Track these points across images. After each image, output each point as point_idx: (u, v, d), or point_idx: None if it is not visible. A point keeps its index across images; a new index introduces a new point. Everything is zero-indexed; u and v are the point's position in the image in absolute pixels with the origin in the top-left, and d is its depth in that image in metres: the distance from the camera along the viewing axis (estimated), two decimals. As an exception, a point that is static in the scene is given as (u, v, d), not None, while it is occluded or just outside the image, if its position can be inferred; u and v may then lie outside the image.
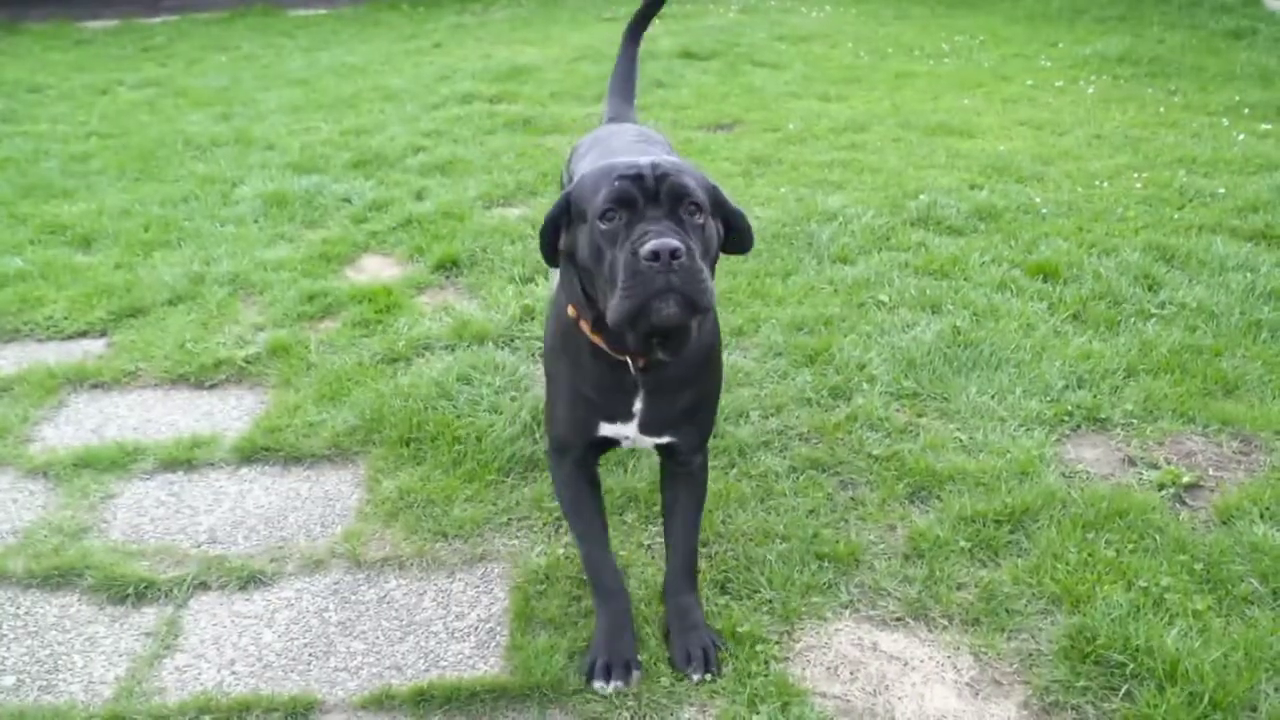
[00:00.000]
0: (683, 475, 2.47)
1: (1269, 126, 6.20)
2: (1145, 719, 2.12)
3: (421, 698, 2.26)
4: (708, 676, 2.27)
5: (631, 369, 2.22)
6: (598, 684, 2.26)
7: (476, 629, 2.48)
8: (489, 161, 5.92)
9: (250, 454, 3.19)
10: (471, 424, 3.21)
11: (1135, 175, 5.33)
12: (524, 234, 4.74)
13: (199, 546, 2.81)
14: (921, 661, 2.35)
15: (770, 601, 2.52)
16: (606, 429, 2.34)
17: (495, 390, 3.39)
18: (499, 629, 2.47)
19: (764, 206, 5.02)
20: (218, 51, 9.78)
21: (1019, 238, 4.54)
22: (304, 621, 2.53)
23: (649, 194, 1.98)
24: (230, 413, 3.45)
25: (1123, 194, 5.05)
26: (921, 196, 5.01)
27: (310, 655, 2.42)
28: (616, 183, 1.98)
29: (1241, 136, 5.96)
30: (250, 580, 2.67)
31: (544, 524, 2.81)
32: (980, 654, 2.35)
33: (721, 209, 2.16)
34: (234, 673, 2.38)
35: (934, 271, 4.24)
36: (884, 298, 4.00)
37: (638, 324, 1.96)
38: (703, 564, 2.63)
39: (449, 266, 4.50)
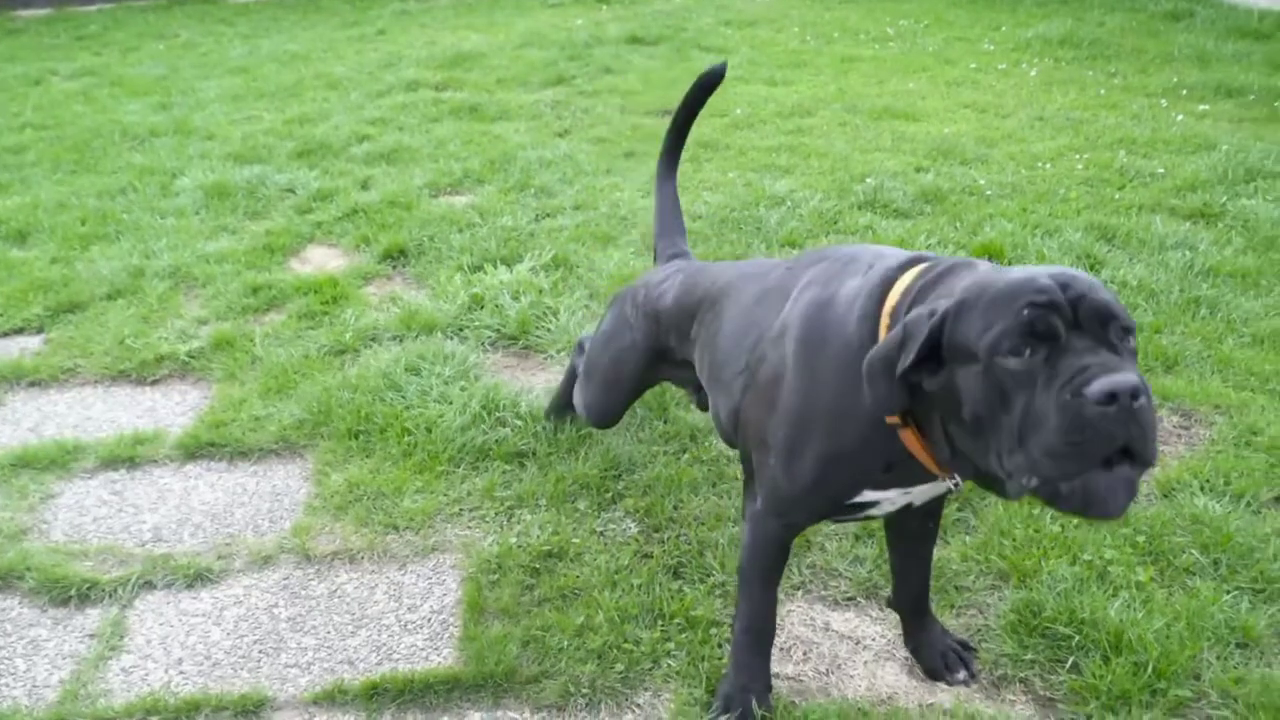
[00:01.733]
0: (934, 509, 2.19)
1: (1206, 107, 6.30)
2: (1091, 690, 2.15)
3: (374, 691, 2.24)
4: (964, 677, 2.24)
5: (959, 483, 1.82)
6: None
7: (429, 621, 2.47)
8: (435, 149, 5.87)
9: (195, 450, 3.14)
10: (421, 415, 3.19)
11: (1077, 156, 5.39)
12: (472, 222, 4.71)
13: (143, 545, 2.76)
14: (873, 640, 2.37)
15: (724, 584, 2.52)
16: (871, 494, 1.91)
17: (444, 380, 3.36)
18: (451, 620, 2.46)
19: (712, 192, 5.03)
20: (155, 39, 9.62)
21: (964, 219, 4.58)
22: (253, 618, 2.50)
23: (1069, 321, 1.51)
24: (173, 408, 3.39)
25: (1065, 175, 5.12)
26: (868, 180, 5.04)
27: (260, 652, 2.39)
28: (1027, 313, 1.50)
29: (1180, 117, 6.05)
30: (197, 578, 2.63)
31: (495, 514, 2.80)
32: (930, 632, 2.37)
33: None
34: (182, 672, 2.34)
35: (881, 254, 4.25)
36: (832, 281, 4.01)
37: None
38: (654, 549, 2.64)
39: (396, 256, 4.45)
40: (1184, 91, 6.67)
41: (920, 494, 1.92)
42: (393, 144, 5.95)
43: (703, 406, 2.49)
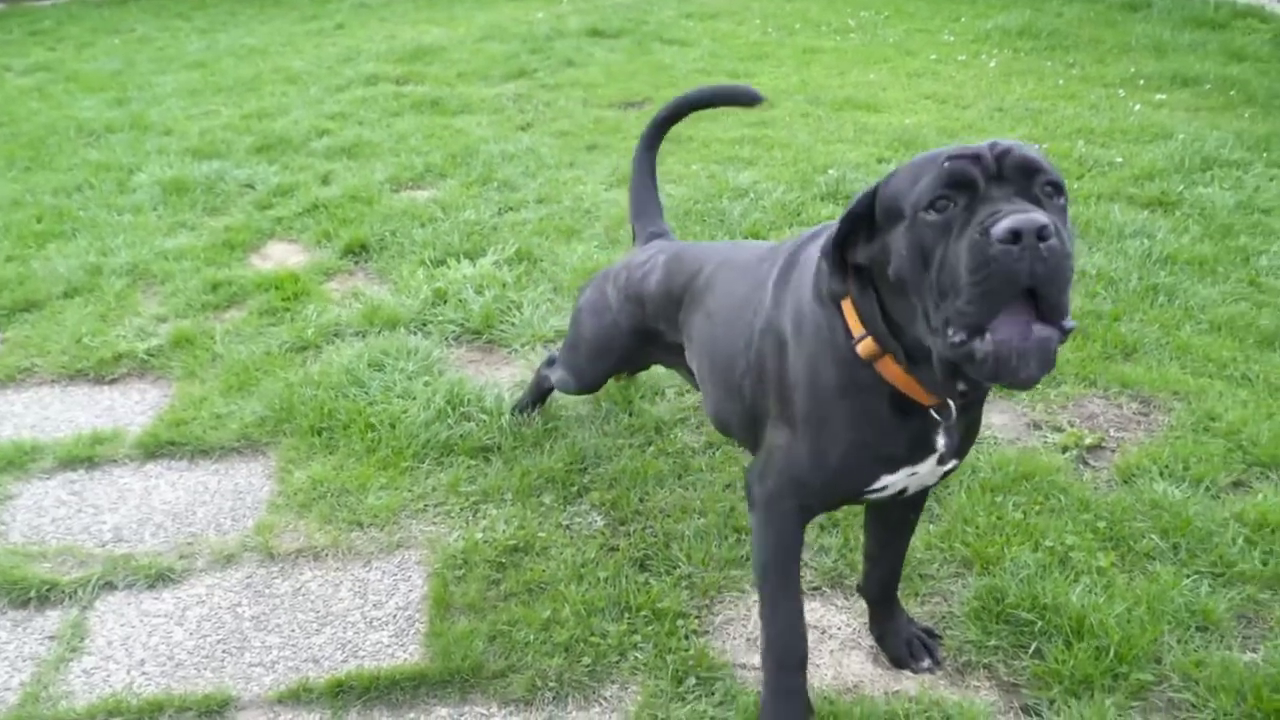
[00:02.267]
0: (918, 501, 2.15)
1: (1163, 96, 6.37)
2: (1054, 674, 2.18)
3: (340, 689, 2.23)
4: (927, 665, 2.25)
5: (950, 412, 1.77)
6: None
7: (395, 617, 2.45)
8: (396, 144, 5.83)
9: (155, 449, 3.11)
10: (385, 411, 3.17)
11: (1037, 146, 5.43)
12: (434, 216, 4.68)
13: (103, 546, 2.72)
14: (838, 629, 2.38)
15: (689, 576, 2.53)
16: (887, 479, 1.86)
17: (408, 376, 3.34)
18: (417, 616, 2.44)
19: (676, 184, 5.02)
20: (110, 34, 9.49)
21: (926, 210, 4.60)
22: (216, 618, 2.47)
23: (991, 173, 1.50)
24: (133, 407, 3.35)
25: (1025, 165, 5.15)
26: (830, 171, 5.05)
27: (224, 652, 2.37)
28: (947, 164, 1.51)
29: (1137, 107, 6.12)
30: (159, 578, 2.60)
31: (460, 509, 2.78)
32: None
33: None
34: (144, 673, 2.31)
35: (844, 245, 4.27)
36: (795, 272, 4.03)
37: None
38: (620, 542, 2.64)
39: (358, 251, 4.42)
40: (1141, 81, 6.74)
41: (919, 478, 1.89)
42: (353, 138, 5.90)
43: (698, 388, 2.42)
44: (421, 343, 3.57)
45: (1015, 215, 1.41)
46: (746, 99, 2.79)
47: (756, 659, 2.28)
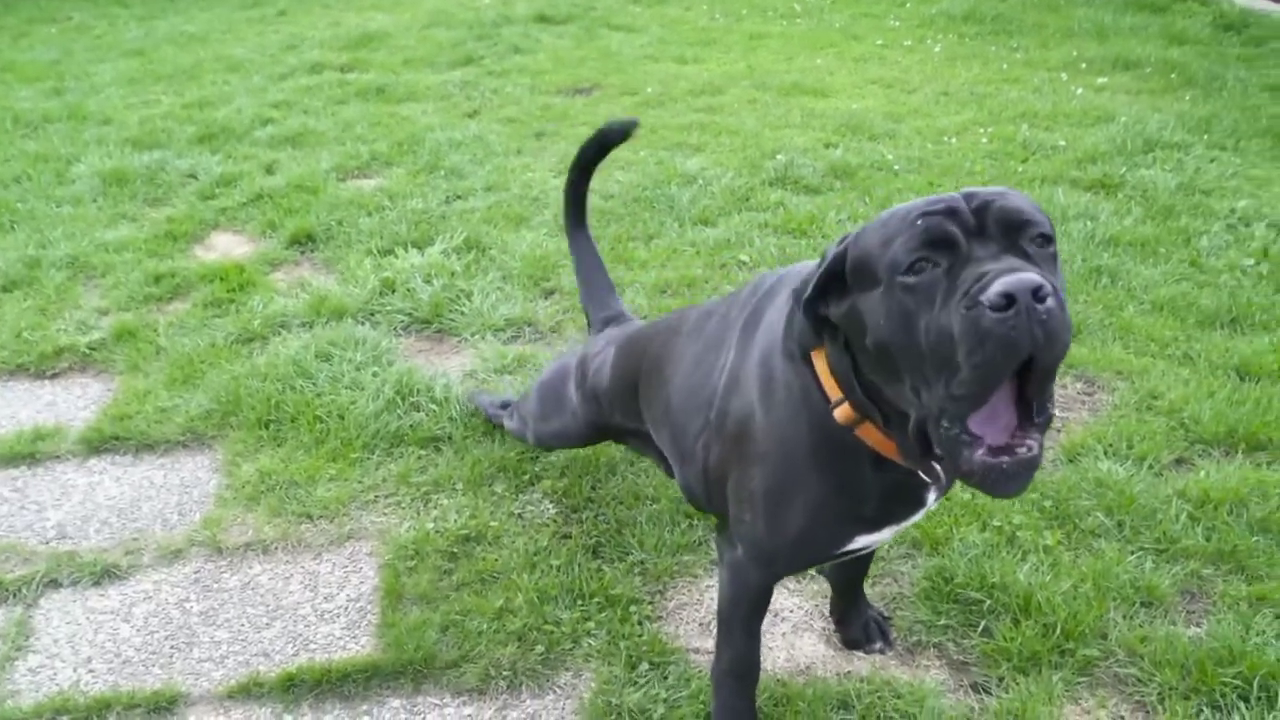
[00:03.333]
0: None
1: (1105, 80, 6.46)
2: (1003, 652, 2.21)
3: (291, 683, 2.21)
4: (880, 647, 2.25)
5: (939, 473, 1.59)
6: None
7: (346, 609, 2.43)
8: (342, 132, 5.76)
9: (99, 444, 3.05)
10: (333, 402, 3.13)
11: (981, 130, 5.48)
12: (381, 205, 4.63)
13: (47, 543, 2.67)
14: (790, 612, 2.40)
15: (642, 563, 2.53)
16: (868, 539, 1.75)
17: (356, 366, 3.31)
18: (369, 608, 2.43)
19: (624, 170, 5.01)
20: (46, 23, 9.28)
21: (873, 194, 4.63)
22: (164, 613, 2.44)
23: (970, 230, 1.36)
24: (75, 402, 3.29)
25: (970, 149, 5.20)
26: (778, 156, 5.07)
27: (172, 648, 2.34)
28: (921, 222, 1.37)
29: (1080, 90, 6.19)
30: (104, 575, 2.56)
31: (411, 499, 2.76)
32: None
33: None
34: (91, 671, 2.28)
35: (793, 230, 4.29)
36: (745, 258, 4.04)
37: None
38: (572, 530, 2.63)
39: (303, 241, 4.37)
40: (1083, 65, 6.82)
41: (911, 524, 1.78)
42: (297, 127, 5.82)
43: (670, 473, 2.24)
44: (370, 333, 3.53)
45: (1006, 278, 1.26)
46: (623, 134, 2.66)
47: (709, 643, 2.29)
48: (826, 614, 2.37)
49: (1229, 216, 4.28)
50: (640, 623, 2.34)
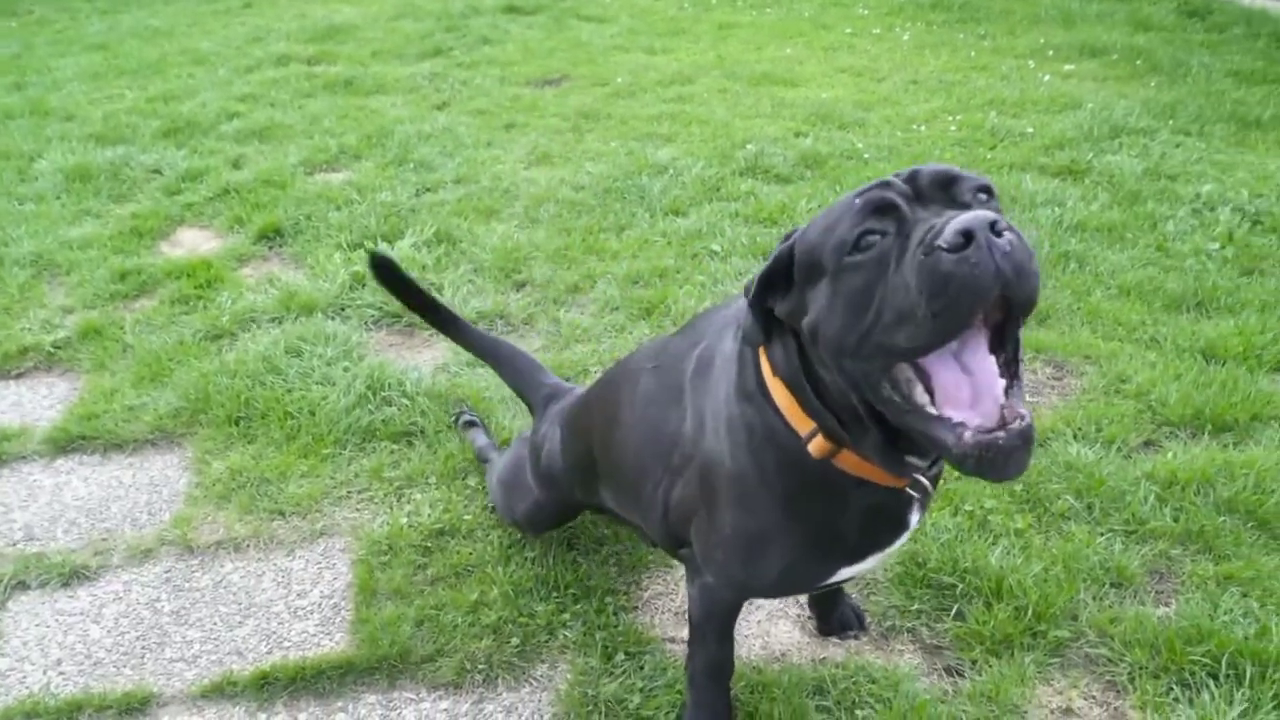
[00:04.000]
0: None
1: (1072, 67, 6.50)
2: (975, 635, 2.22)
3: (265, 681, 2.19)
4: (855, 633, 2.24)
5: (926, 486, 1.54)
6: None
7: (320, 606, 2.42)
8: (309, 125, 5.72)
9: (66, 444, 3.02)
10: (303, 397, 3.11)
11: (950, 118, 5.51)
12: (350, 199, 4.60)
13: (14, 545, 2.64)
14: (765, 600, 2.40)
15: (617, 554, 2.53)
16: (848, 571, 1.68)
17: (326, 361, 3.29)
18: (343, 604, 2.41)
19: (595, 162, 5.00)
20: (6, 17, 9.16)
21: (844, 183, 4.64)
22: (135, 614, 2.42)
23: (909, 197, 1.32)
24: (40, 402, 3.25)
25: (939, 136, 5.22)
26: (749, 146, 5.07)
27: (143, 648, 2.32)
28: (859, 201, 1.32)
29: (1047, 77, 6.23)
30: (73, 576, 2.53)
31: (384, 494, 2.75)
32: (821, 588, 2.42)
33: None
34: (62, 673, 2.26)
35: (764, 219, 4.30)
36: (716, 247, 4.04)
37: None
38: (548, 522, 2.63)
39: (272, 236, 4.33)
40: (1050, 52, 6.86)
41: (895, 550, 1.71)
42: (264, 121, 5.77)
43: (653, 546, 2.19)
44: (340, 328, 3.51)
45: (960, 217, 1.19)
46: (382, 265, 2.55)
47: (685, 632, 2.29)
48: (801, 601, 2.38)
49: (1194, 201, 4.32)
50: (616, 613, 2.34)
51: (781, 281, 1.46)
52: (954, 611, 2.30)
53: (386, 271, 2.56)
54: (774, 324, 1.51)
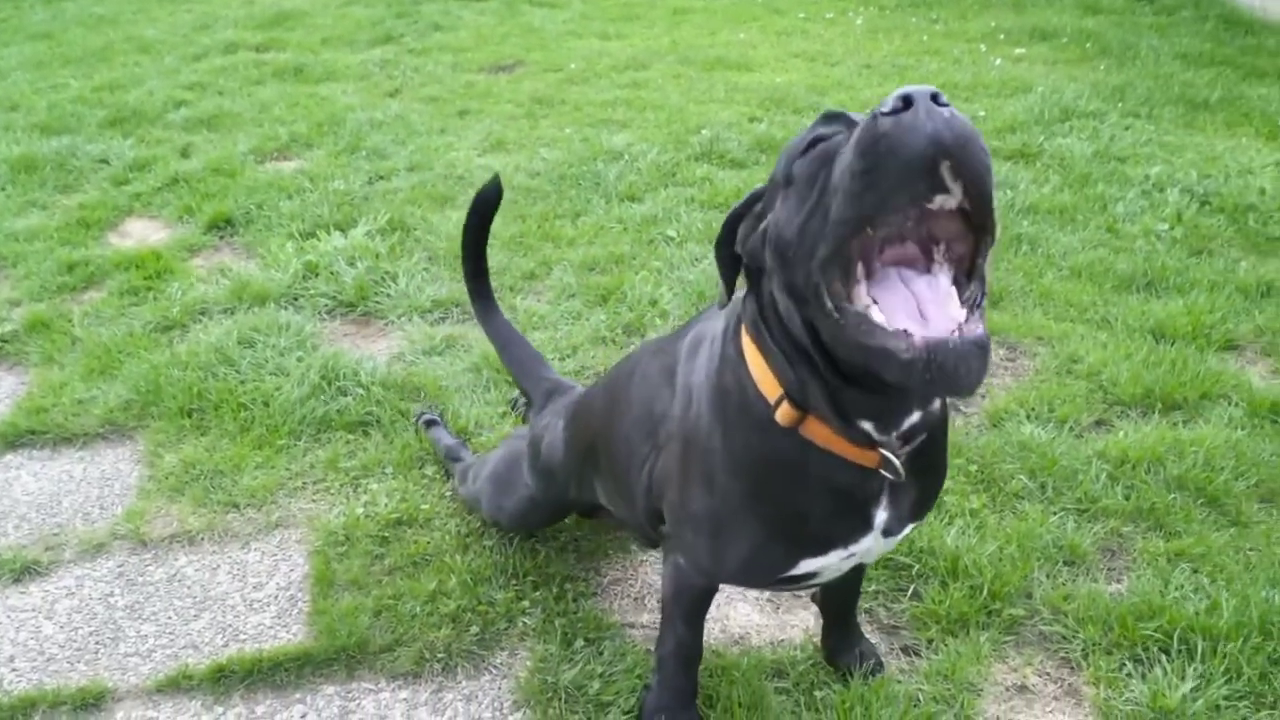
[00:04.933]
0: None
1: (1023, 50, 6.55)
2: (932, 615, 2.24)
3: (221, 674, 2.17)
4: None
5: (892, 463, 1.46)
6: None
7: (276, 598, 2.40)
8: (259, 114, 5.65)
9: (14, 439, 2.97)
10: (257, 388, 3.08)
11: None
12: (301, 188, 4.55)
13: (-38, 542, 2.60)
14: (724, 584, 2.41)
15: (576, 540, 2.53)
16: (811, 564, 1.62)
17: (280, 352, 3.26)
18: (300, 596, 2.39)
19: (549, 148, 4.98)
20: (-54, 5, 8.96)
21: (798, 167, 4.65)
22: (88, 609, 2.38)
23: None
24: (-13, 396, 3.20)
25: (892, 120, 5.24)
26: (704, 131, 5.07)
27: (97, 643, 2.29)
28: (812, 124, 1.32)
29: (998, 61, 6.28)
30: (24, 572, 2.49)
31: (340, 485, 2.73)
32: (780, 573, 2.43)
33: None
34: (14, 669, 2.22)
35: (719, 205, 4.30)
36: (672, 233, 4.04)
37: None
38: (506, 510, 2.62)
39: (222, 226, 4.28)
40: (1001, 35, 6.92)
41: (860, 558, 1.66)
42: (213, 109, 5.70)
43: (650, 544, 2.17)
44: (293, 318, 3.47)
45: (903, 88, 1.12)
46: (495, 199, 2.53)
47: (645, 617, 2.30)
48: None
49: (1143, 183, 4.38)
50: (575, 600, 2.34)
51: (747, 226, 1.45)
52: (910, 592, 2.32)
53: (485, 210, 2.52)
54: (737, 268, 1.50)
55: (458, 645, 2.22)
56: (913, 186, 1.12)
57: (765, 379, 1.49)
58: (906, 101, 1.10)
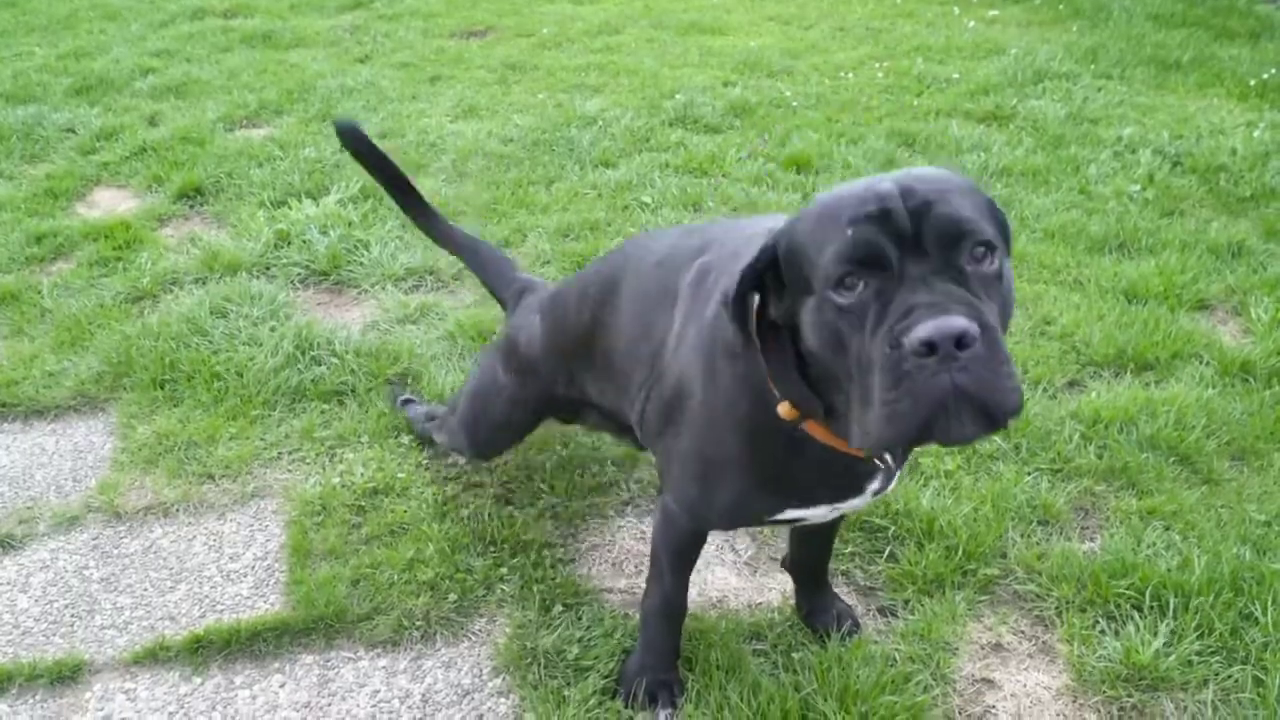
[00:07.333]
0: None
1: (996, 13, 6.54)
2: (908, 576, 2.26)
3: (198, 645, 2.16)
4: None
5: (889, 461, 1.60)
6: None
7: (253, 568, 2.39)
8: (228, 81, 5.58)
9: (-16, 412, 2.95)
10: (230, 359, 3.06)
11: (877, 65, 5.52)
12: (272, 155, 4.51)
13: (-66, 516, 2.58)
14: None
15: (554, 507, 2.53)
16: (796, 512, 1.71)
17: (253, 321, 3.23)
18: (277, 566, 2.39)
19: (523, 114, 4.94)
20: (-96, -28, 8.79)
21: (772, 132, 4.64)
22: (63, 582, 2.37)
23: (905, 240, 1.27)
24: (-44, 369, 3.16)
25: (866, 84, 5.24)
26: (678, 96, 5.04)
27: (73, 616, 2.28)
28: (852, 231, 1.28)
29: (972, 24, 6.26)
30: (-3, 546, 2.48)
31: (316, 455, 2.72)
32: (755, 535, 2.44)
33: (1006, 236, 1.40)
34: (-11, 645, 2.21)
35: (693, 170, 4.28)
36: (647, 199, 4.03)
37: (911, 445, 1.38)
38: (483, 478, 2.62)
39: (192, 195, 4.23)
40: (975, -2, 6.91)
41: (850, 508, 1.75)
42: (181, 76, 5.62)
43: (639, 446, 2.17)
44: (266, 287, 3.45)
45: (928, 322, 1.20)
46: (355, 128, 2.51)
47: (623, 582, 2.31)
48: (736, 548, 2.40)
49: (1116, 144, 4.39)
50: (553, 566, 2.34)
51: (771, 279, 1.43)
52: (887, 553, 2.34)
53: (355, 139, 2.48)
54: (766, 326, 1.48)
55: (436, 613, 2.23)
56: (924, 417, 1.24)
57: (788, 404, 1.51)
58: (930, 348, 1.20)
